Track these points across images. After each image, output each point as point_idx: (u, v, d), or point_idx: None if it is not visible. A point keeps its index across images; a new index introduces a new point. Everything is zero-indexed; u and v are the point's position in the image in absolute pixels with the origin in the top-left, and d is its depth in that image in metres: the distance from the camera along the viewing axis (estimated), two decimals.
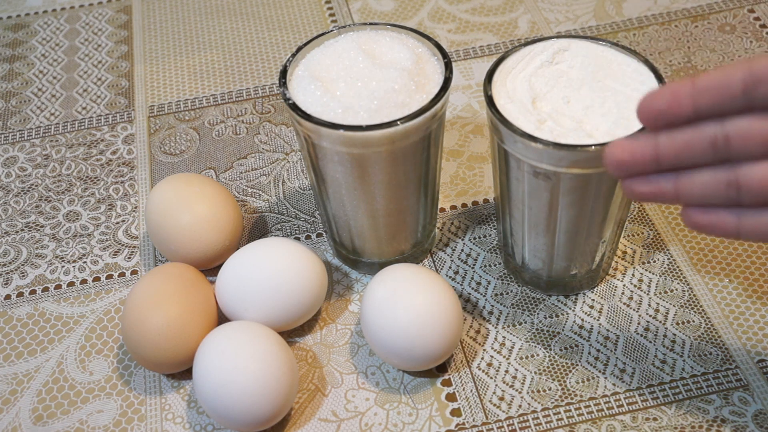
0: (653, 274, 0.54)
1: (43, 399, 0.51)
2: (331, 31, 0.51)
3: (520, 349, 0.51)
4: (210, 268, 0.55)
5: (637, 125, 0.44)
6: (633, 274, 0.54)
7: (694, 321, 0.52)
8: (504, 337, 0.52)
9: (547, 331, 0.52)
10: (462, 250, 0.56)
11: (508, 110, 0.45)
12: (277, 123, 0.66)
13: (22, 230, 0.60)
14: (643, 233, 0.56)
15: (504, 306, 0.53)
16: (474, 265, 0.56)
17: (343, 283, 0.55)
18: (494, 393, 0.49)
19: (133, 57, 0.73)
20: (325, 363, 0.52)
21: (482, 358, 0.51)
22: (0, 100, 0.70)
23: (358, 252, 0.54)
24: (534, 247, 0.51)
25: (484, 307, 0.53)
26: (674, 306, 0.53)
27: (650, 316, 0.52)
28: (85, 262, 0.58)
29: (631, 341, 0.51)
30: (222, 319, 0.52)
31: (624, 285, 0.54)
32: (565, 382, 0.50)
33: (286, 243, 0.51)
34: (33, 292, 0.56)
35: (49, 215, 0.61)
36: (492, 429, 0.48)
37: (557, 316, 0.53)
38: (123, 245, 0.59)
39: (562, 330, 0.52)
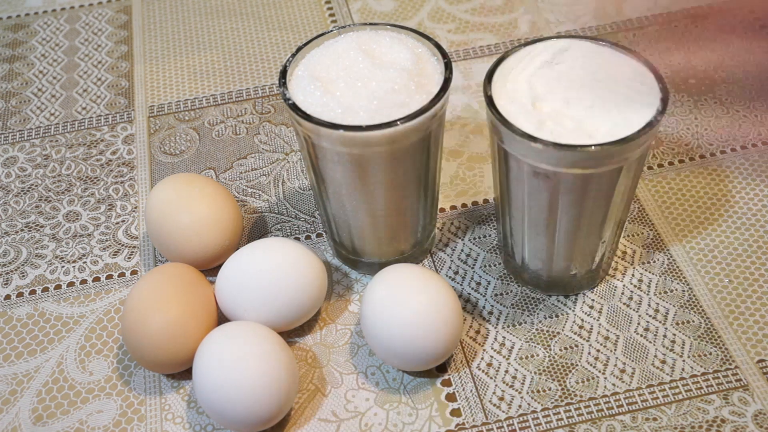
0: (653, 274, 0.54)
1: (43, 399, 0.51)
2: (331, 31, 0.51)
3: (520, 349, 0.51)
4: (210, 268, 0.55)
5: (638, 125, 0.44)
6: (633, 274, 0.54)
7: (694, 321, 0.52)
8: (504, 337, 0.52)
9: (547, 331, 0.52)
10: (462, 250, 0.56)
11: (508, 111, 0.45)
12: (277, 123, 0.66)
13: (22, 230, 0.60)
14: (643, 233, 0.56)
15: (504, 306, 0.53)
16: (474, 265, 0.56)
17: (343, 283, 0.55)
18: (494, 393, 0.49)
19: (133, 57, 0.73)
20: (325, 363, 0.52)
21: (482, 358, 0.51)
22: (0, 100, 0.70)
23: (358, 252, 0.54)
24: (534, 247, 0.51)
25: (484, 307, 0.53)
26: (674, 306, 0.53)
27: (650, 316, 0.52)
28: (85, 263, 0.58)
29: (631, 341, 0.51)
30: (222, 319, 0.52)
31: (624, 285, 0.54)
32: (565, 382, 0.50)
33: (286, 243, 0.51)
34: (33, 292, 0.56)
35: (49, 215, 0.61)
36: (492, 429, 0.48)
37: (557, 316, 0.53)
38: (123, 245, 0.59)
39: (562, 330, 0.52)
